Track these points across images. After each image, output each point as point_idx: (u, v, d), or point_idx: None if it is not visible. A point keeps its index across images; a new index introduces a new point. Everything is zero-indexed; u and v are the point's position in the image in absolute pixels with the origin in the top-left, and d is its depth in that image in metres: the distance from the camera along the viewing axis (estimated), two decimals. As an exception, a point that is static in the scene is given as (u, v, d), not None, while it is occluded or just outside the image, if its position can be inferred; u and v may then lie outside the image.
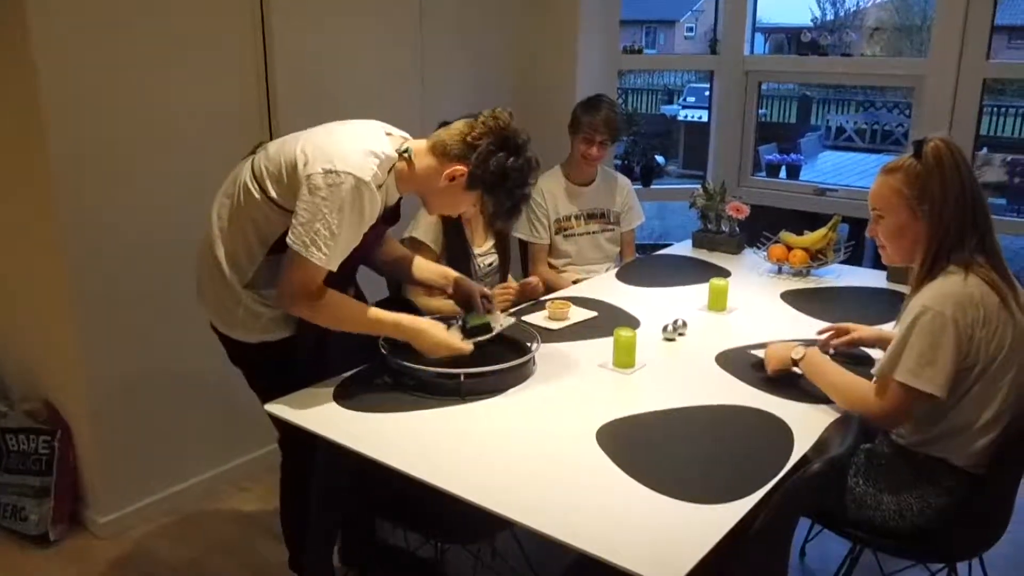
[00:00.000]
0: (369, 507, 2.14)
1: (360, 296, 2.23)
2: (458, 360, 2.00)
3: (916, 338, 1.74)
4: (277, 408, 1.89)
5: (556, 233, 3.20)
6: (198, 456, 2.94)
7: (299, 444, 1.90)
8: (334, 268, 1.87)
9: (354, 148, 1.87)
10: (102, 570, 2.57)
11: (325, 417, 1.85)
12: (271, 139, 2.85)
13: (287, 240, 1.84)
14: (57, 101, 2.36)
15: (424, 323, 2.03)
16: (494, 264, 2.74)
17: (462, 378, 1.92)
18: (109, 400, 2.65)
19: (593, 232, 3.25)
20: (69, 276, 2.50)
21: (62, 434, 2.68)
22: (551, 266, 3.22)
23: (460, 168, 1.93)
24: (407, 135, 2.05)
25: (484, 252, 2.71)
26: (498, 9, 3.75)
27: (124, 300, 2.62)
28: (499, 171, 1.92)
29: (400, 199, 2.06)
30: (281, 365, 2.04)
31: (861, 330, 2.21)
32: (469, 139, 1.93)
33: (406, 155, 1.96)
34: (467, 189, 1.96)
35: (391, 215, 2.06)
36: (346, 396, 1.94)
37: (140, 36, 2.51)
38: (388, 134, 2.01)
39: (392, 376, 2.01)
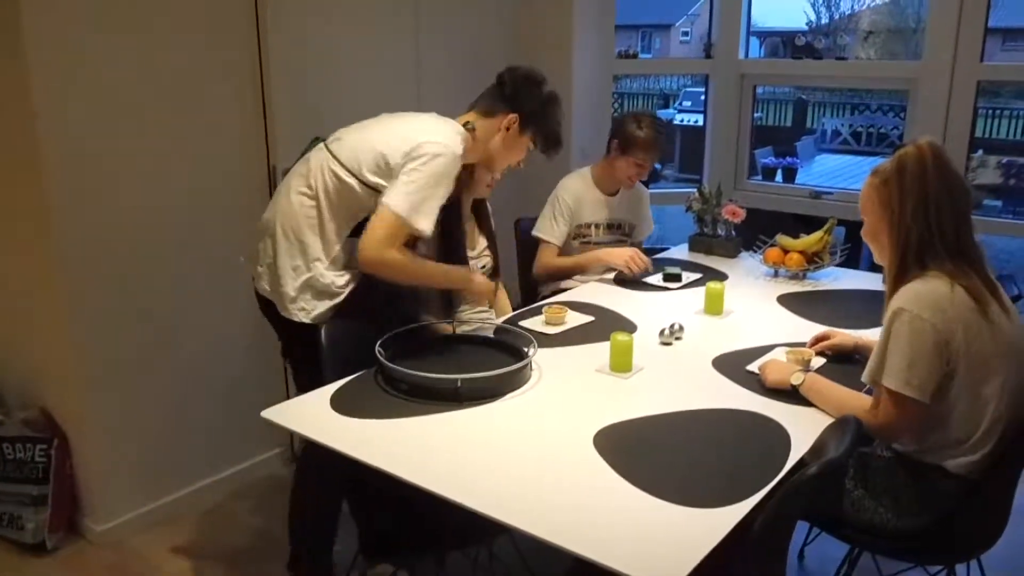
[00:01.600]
0: (365, 513, 2.14)
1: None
2: (455, 365, 2.00)
3: (895, 341, 1.75)
4: (273, 415, 1.89)
5: (573, 238, 3.16)
6: (195, 464, 2.94)
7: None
8: (429, 233, 2.09)
9: (446, 128, 2.17)
10: (99, 578, 2.57)
11: (321, 423, 1.84)
12: (267, 138, 2.88)
13: (384, 201, 2.05)
14: (52, 107, 2.36)
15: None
16: (487, 266, 2.73)
17: (459, 383, 1.92)
18: (106, 408, 2.65)
19: (607, 243, 3.19)
20: (66, 284, 2.49)
21: (59, 443, 2.67)
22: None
23: (512, 115, 2.27)
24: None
25: (477, 255, 2.70)
26: (494, 14, 3.76)
27: (121, 308, 2.62)
28: (540, 103, 2.30)
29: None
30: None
31: (839, 336, 2.22)
32: (507, 92, 2.28)
33: (471, 128, 2.25)
34: (522, 131, 2.30)
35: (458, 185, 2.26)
36: (342, 402, 1.94)
37: (135, 43, 2.51)
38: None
39: (389, 381, 2.01)
